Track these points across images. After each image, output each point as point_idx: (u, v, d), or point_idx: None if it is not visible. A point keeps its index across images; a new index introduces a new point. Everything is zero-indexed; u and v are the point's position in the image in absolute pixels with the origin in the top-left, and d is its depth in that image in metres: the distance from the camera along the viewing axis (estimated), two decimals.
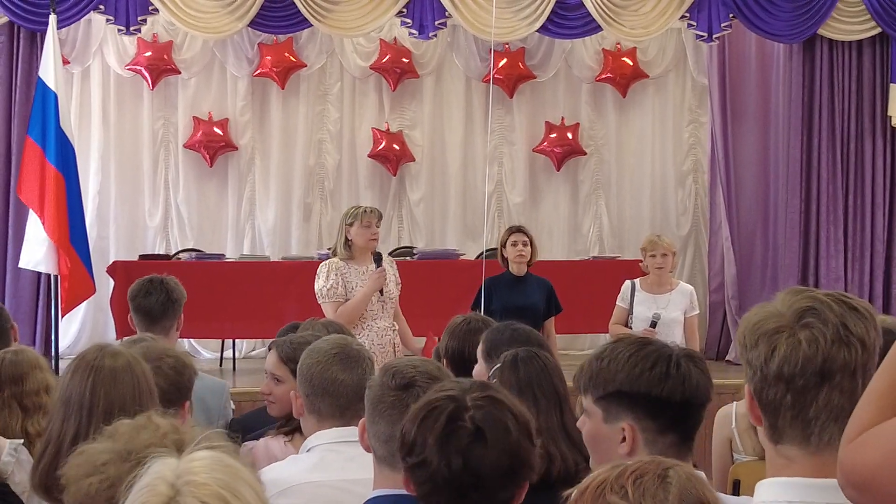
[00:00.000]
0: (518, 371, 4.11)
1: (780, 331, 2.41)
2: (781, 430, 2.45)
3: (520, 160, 14.19)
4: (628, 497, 2.01)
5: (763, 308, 2.48)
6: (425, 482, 2.77)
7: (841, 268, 13.06)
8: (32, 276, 11.74)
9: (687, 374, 3.00)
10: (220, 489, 1.89)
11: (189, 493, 1.88)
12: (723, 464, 6.04)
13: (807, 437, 2.42)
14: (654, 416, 2.98)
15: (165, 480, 1.91)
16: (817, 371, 2.39)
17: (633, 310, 9.26)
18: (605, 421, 3.02)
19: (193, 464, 1.95)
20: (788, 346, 2.39)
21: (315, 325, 5.61)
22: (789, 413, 2.43)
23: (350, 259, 8.49)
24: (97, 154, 13.33)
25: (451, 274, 11.86)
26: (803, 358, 2.38)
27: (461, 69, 14.09)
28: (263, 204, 13.76)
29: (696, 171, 14.37)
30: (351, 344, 4.18)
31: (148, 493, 1.91)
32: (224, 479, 1.92)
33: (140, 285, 6.33)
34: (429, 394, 2.89)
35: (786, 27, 12.84)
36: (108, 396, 3.58)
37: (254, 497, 1.93)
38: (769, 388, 2.43)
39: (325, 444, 3.94)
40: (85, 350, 3.85)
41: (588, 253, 13.95)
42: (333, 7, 12.24)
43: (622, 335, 3.18)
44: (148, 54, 13.28)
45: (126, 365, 3.67)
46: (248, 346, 13.31)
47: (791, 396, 2.41)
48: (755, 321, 2.45)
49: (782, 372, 2.40)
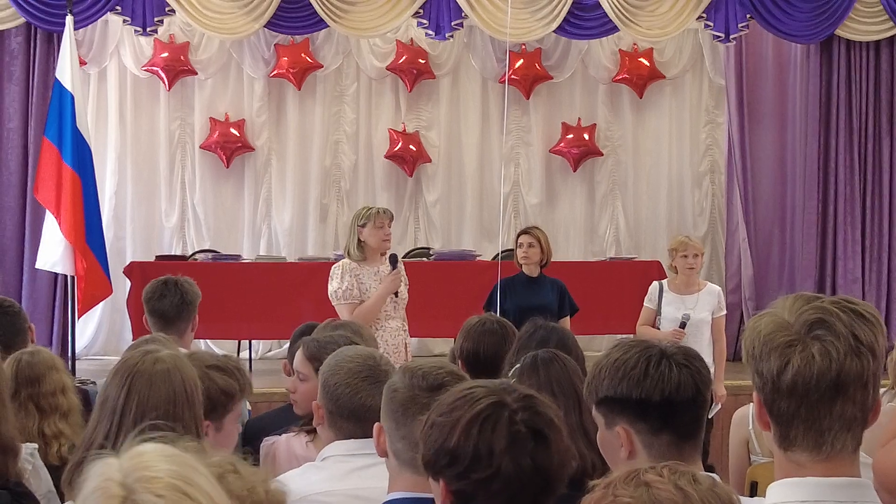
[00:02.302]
0: (538, 372, 4.11)
1: (791, 344, 2.39)
2: (793, 440, 2.43)
3: (536, 161, 14.17)
4: (662, 475, 2.01)
5: (769, 317, 2.45)
6: (499, 493, 2.67)
7: (858, 269, 13.02)
8: (49, 277, 11.75)
9: (667, 371, 3.00)
10: (174, 480, 1.77)
11: (143, 489, 1.75)
12: (740, 465, 6.02)
13: (819, 445, 2.41)
14: (643, 417, 2.99)
15: (114, 481, 1.78)
16: (831, 384, 2.37)
17: (662, 311, 9.21)
18: (606, 427, 3.06)
19: (139, 459, 1.82)
20: (802, 361, 2.37)
21: (344, 326, 5.52)
22: (802, 425, 2.41)
23: (363, 260, 8.46)
24: (114, 155, 13.36)
25: (467, 275, 11.85)
26: (818, 372, 2.36)
27: (477, 70, 14.08)
28: (280, 205, 13.76)
29: (712, 172, 14.33)
30: (380, 363, 4.04)
31: (99, 497, 1.77)
32: (176, 469, 1.80)
33: (154, 287, 6.32)
34: (461, 404, 2.75)
35: (803, 28, 12.81)
36: (142, 402, 3.55)
37: (208, 483, 1.82)
38: (781, 399, 2.41)
39: (341, 455, 3.91)
40: (130, 353, 3.83)
41: (605, 254, 13.93)
42: (350, 8, 12.24)
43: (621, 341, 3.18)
44: (164, 55, 13.30)
45: (165, 371, 3.63)
46: (264, 346, 13.31)
47: (805, 410, 2.40)
48: (765, 332, 2.42)
49: (796, 386, 2.38)
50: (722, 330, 9.33)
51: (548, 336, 5.02)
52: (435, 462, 2.72)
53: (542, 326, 5.15)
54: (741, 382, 9.79)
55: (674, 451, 2.97)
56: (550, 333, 5.07)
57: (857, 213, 13.07)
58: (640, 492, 1.99)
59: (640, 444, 2.99)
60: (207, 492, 1.80)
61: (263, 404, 8.81)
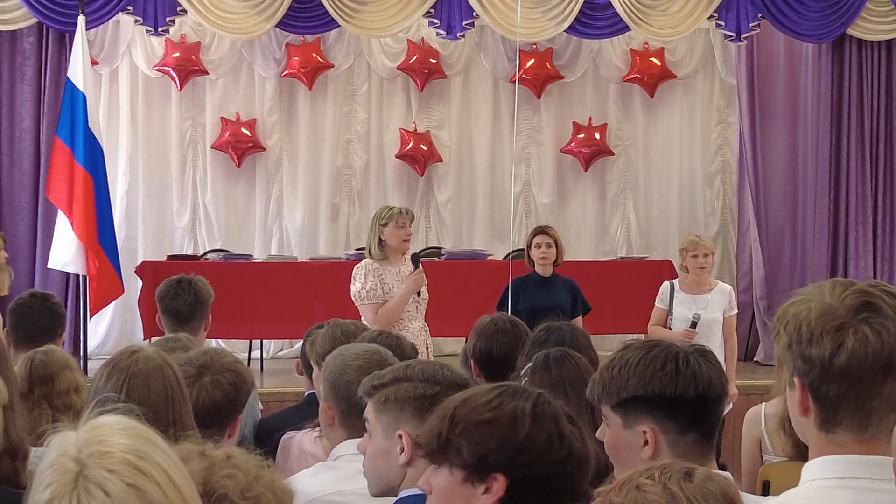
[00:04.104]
0: (550, 371, 4.11)
1: (843, 327, 2.42)
2: (839, 422, 2.46)
3: (547, 161, 14.17)
4: (654, 477, 2.06)
5: (808, 302, 2.47)
6: (572, 473, 2.77)
7: (870, 268, 13.00)
8: (61, 277, 11.78)
9: (697, 369, 3.02)
10: (127, 455, 1.74)
11: (95, 464, 1.73)
12: (752, 465, 6.01)
13: (865, 426, 2.45)
14: (673, 415, 2.99)
15: (69, 455, 1.75)
16: (884, 365, 2.41)
17: (673, 310, 9.22)
18: (625, 427, 3.04)
19: (96, 432, 1.79)
20: (857, 341, 2.40)
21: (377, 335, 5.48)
22: (851, 406, 2.44)
23: (384, 260, 8.46)
24: (125, 155, 13.37)
25: (478, 275, 11.85)
26: (872, 353, 2.40)
27: (489, 70, 14.07)
28: (291, 204, 13.77)
29: (724, 172, 14.32)
30: (387, 358, 4.08)
31: (54, 472, 1.75)
32: (131, 443, 1.76)
33: (168, 286, 6.34)
34: (507, 399, 2.79)
35: (815, 27, 12.80)
36: (142, 403, 3.49)
37: (165, 458, 1.78)
38: (831, 383, 2.44)
39: (354, 453, 3.89)
40: (116, 354, 3.82)
41: (616, 253, 13.93)
42: (361, 7, 12.26)
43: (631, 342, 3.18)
44: (176, 55, 13.31)
45: (158, 369, 3.64)
46: (275, 346, 13.32)
47: (855, 391, 2.43)
48: (814, 316, 2.44)
49: (849, 368, 2.41)
50: (733, 329, 9.33)
51: (562, 339, 5.00)
52: (497, 457, 2.72)
53: (557, 329, 5.12)
54: (753, 382, 9.81)
55: (697, 450, 2.99)
56: (564, 336, 5.05)
57: (868, 213, 13.05)
58: (632, 496, 2.05)
59: (664, 443, 2.99)
60: (163, 468, 1.78)
61: (275, 404, 8.82)
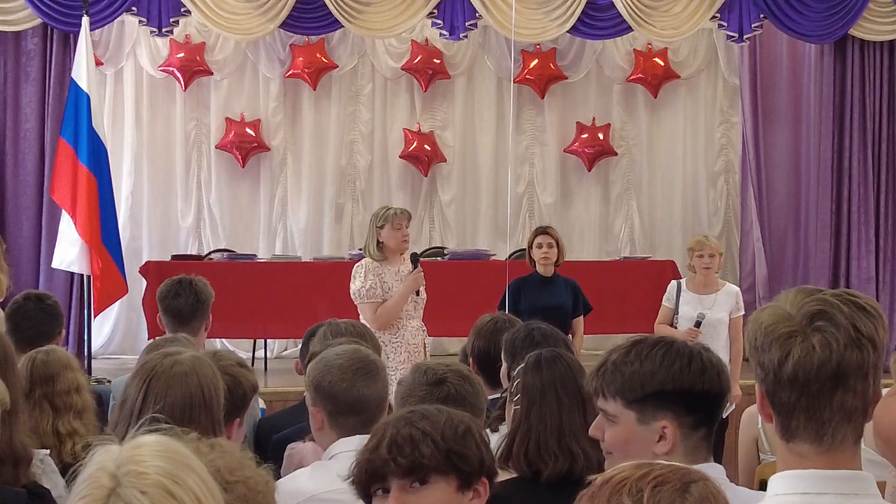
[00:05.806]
0: (541, 371, 4.12)
1: (792, 335, 2.40)
2: (794, 430, 2.44)
3: (551, 161, 14.19)
4: (642, 501, 2.00)
5: (771, 309, 2.46)
6: None
7: (872, 268, 13.02)
8: (65, 277, 11.81)
9: (718, 366, 3.06)
10: (161, 478, 1.79)
11: (129, 483, 1.78)
12: (749, 464, 6.04)
13: (820, 437, 2.42)
14: (693, 410, 3.00)
15: (107, 471, 1.81)
16: (831, 375, 2.38)
17: (679, 310, 9.22)
18: (640, 423, 3.00)
19: (136, 451, 1.85)
20: (802, 351, 2.38)
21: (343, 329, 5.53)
22: (803, 415, 2.42)
23: (383, 260, 8.49)
24: (130, 155, 13.39)
25: (481, 274, 11.85)
26: (818, 363, 2.37)
27: (492, 70, 14.09)
28: (295, 204, 13.79)
29: (727, 172, 14.33)
30: (367, 355, 4.18)
31: (90, 485, 1.81)
32: (167, 466, 1.82)
33: (169, 287, 6.37)
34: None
35: (817, 27, 12.81)
36: (158, 404, 3.56)
37: (199, 484, 1.83)
38: (782, 391, 2.42)
39: (348, 451, 3.92)
40: (150, 356, 3.86)
41: (619, 253, 13.94)
42: (365, 8, 12.28)
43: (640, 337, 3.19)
44: (180, 55, 13.33)
45: (182, 374, 3.65)
46: (279, 346, 13.34)
47: (805, 400, 2.41)
48: (767, 324, 2.43)
49: (797, 376, 2.39)
50: (740, 330, 9.30)
51: (543, 339, 4.99)
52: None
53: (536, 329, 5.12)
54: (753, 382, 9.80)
55: (704, 445, 3.01)
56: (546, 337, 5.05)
57: (870, 213, 13.07)
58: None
59: (679, 438, 2.98)
60: (195, 493, 1.81)
61: (279, 403, 8.85)
